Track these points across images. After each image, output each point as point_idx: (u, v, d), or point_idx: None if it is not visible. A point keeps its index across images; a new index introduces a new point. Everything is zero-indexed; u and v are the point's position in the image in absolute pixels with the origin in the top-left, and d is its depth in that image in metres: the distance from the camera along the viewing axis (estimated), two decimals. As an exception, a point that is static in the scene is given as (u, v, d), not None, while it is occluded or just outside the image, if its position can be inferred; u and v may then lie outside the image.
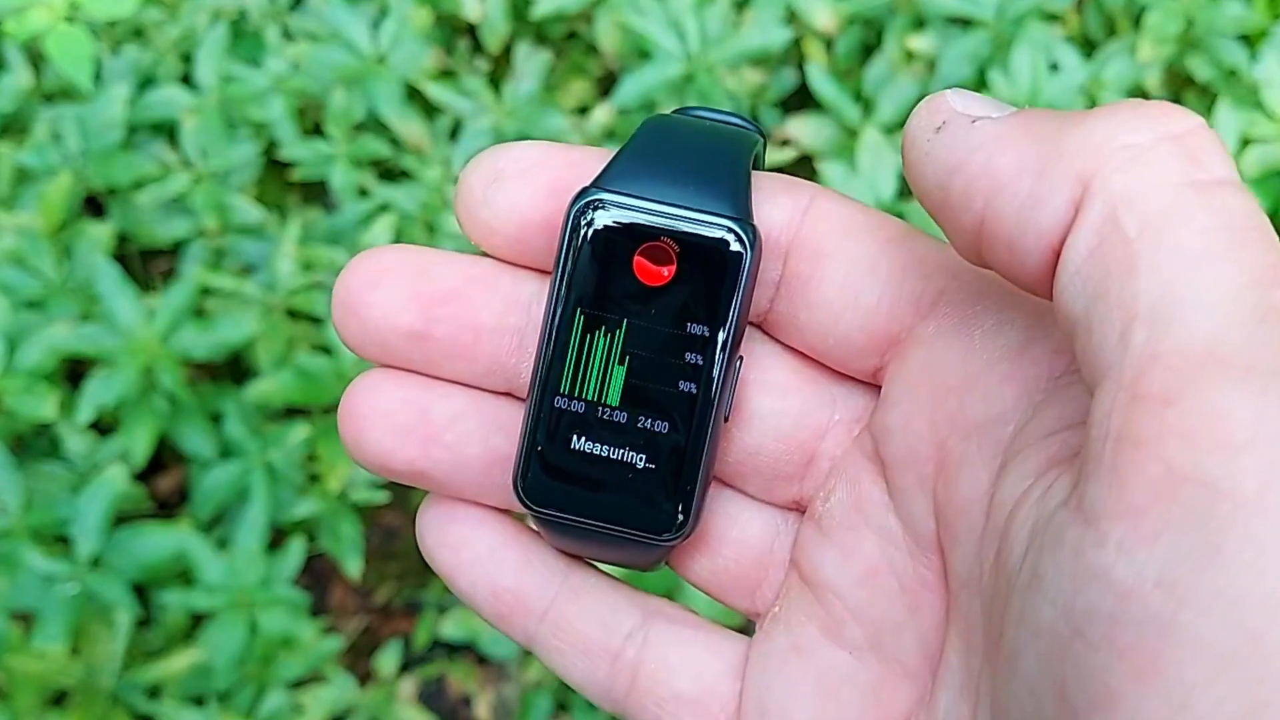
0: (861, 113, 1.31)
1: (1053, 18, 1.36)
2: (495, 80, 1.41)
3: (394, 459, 0.40)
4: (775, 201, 0.39)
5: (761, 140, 0.40)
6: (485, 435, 0.40)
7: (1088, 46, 1.38)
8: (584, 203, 0.38)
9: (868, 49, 1.40)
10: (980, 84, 1.29)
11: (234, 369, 1.31)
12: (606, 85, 1.43)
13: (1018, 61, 1.26)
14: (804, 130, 1.32)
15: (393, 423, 0.40)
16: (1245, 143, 1.23)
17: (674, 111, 0.40)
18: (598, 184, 0.38)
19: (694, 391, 0.38)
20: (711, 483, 0.40)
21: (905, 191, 1.25)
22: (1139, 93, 1.29)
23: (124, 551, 1.13)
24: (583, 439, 0.39)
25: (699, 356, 0.38)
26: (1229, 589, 0.26)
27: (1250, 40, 1.31)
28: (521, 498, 0.39)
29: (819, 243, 0.38)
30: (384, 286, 0.39)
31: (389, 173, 1.37)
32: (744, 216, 0.37)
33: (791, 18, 1.36)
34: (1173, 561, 0.27)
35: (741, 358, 0.38)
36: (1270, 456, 0.27)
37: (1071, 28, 1.37)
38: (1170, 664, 0.27)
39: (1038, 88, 1.24)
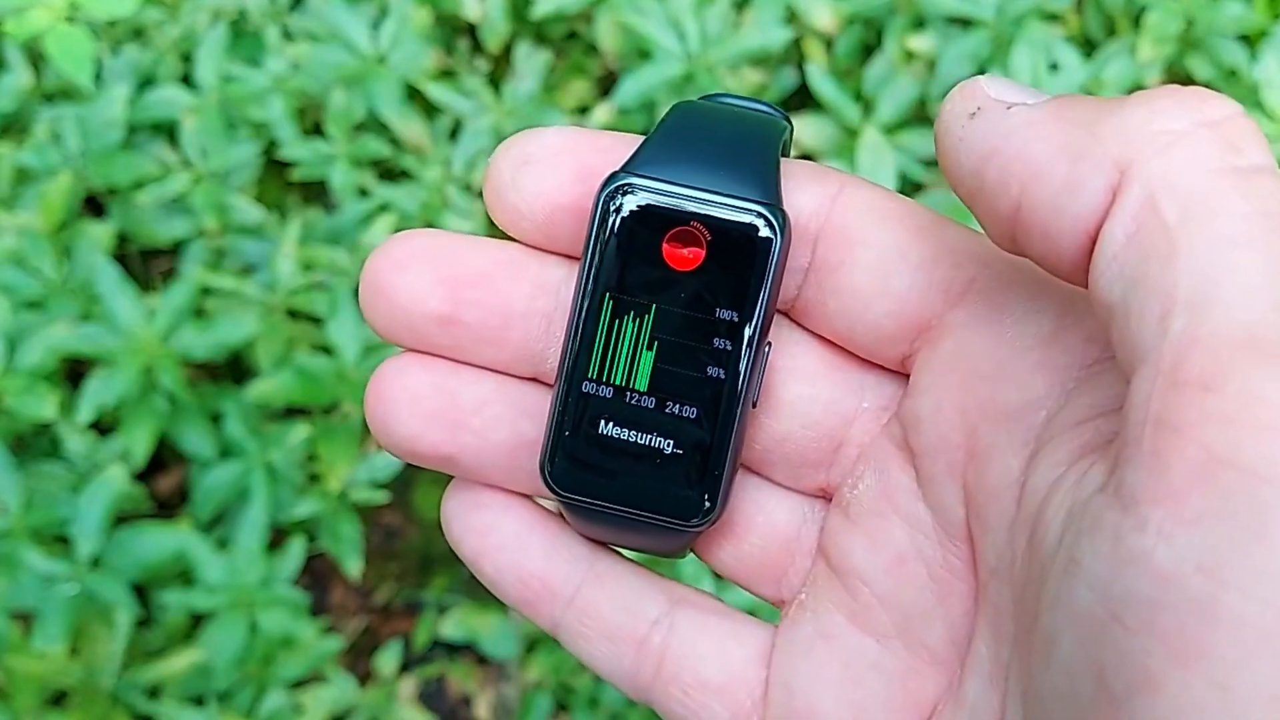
0: (861, 113, 1.31)
1: (1053, 18, 1.36)
2: (495, 80, 1.41)
3: (421, 443, 0.40)
4: (804, 188, 0.39)
5: (789, 127, 0.40)
6: (512, 420, 0.40)
7: (1088, 46, 1.38)
8: (613, 187, 0.37)
9: (868, 49, 1.40)
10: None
11: (234, 369, 1.31)
12: (606, 85, 1.43)
13: (1018, 61, 1.26)
14: (804, 130, 1.32)
15: (421, 407, 0.40)
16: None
17: (701, 98, 0.40)
18: (627, 169, 0.38)
19: (722, 377, 0.38)
20: (739, 469, 0.40)
21: (905, 192, 1.25)
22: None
23: (124, 551, 1.13)
24: (610, 424, 0.38)
25: (727, 342, 0.38)
26: (1272, 571, 0.26)
27: (1250, 40, 1.31)
28: (548, 483, 0.39)
29: (849, 229, 0.38)
30: (413, 270, 0.39)
31: (389, 173, 1.37)
32: (774, 202, 0.37)
33: (791, 17, 1.36)
34: (1214, 545, 0.27)
35: (770, 344, 0.38)
36: None
37: (1071, 28, 1.38)
38: (1212, 646, 0.27)
39: (1038, 88, 1.24)
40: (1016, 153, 0.32)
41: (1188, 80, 1.33)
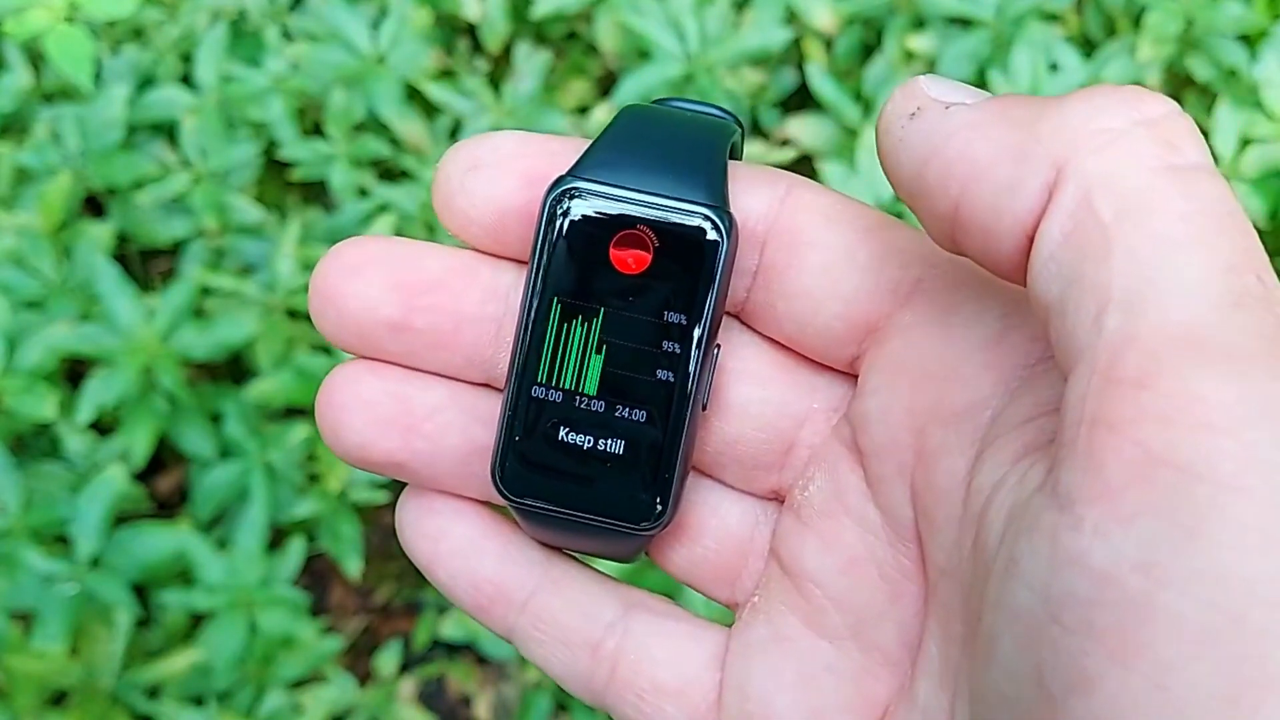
0: (861, 113, 1.31)
1: (1053, 18, 1.35)
2: (495, 80, 1.41)
3: (373, 450, 0.40)
4: (753, 191, 0.39)
5: (739, 130, 0.39)
6: (465, 426, 0.40)
7: (1088, 46, 1.38)
8: (560, 191, 0.37)
9: (868, 49, 1.40)
10: (980, 84, 1.28)
11: (234, 369, 1.31)
12: (606, 85, 1.43)
13: (1018, 61, 1.26)
14: (804, 130, 1.32)
15: (373, 413, 0.39)
16: (1245, 143, 1.22)
17: (652, 102, 0.40)
18: (574, 172, 0.38)
19: (671, 380, 0.38)
20: (690, 472, 0.40)
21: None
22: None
23: (124, 551, 1.14)
24: (560, 428, 0.38)
25: (676, 345, 0.38)
26: (1209, 570, 0.26)
27: (1250, 40, 1.30)
28: (500, 488, 0.39)
29: (797, 232, 0.38)
30: (364, 276, 0.39)
31: (389, 173, 1.37)
32: (721, 205, 0.37)
33: (791, 18, 1.36)
34: (1150, 544, 0.27)
35: (719, 346, 0.38)
36: (1248, 440, 0.26)
37: (1071, 28, 1.37)
38: (1148, 645, 0.26)
39: (1038, 88, 1.24)
40: (956, 153, 0.32)
41: (1188, 80, 1.33)
